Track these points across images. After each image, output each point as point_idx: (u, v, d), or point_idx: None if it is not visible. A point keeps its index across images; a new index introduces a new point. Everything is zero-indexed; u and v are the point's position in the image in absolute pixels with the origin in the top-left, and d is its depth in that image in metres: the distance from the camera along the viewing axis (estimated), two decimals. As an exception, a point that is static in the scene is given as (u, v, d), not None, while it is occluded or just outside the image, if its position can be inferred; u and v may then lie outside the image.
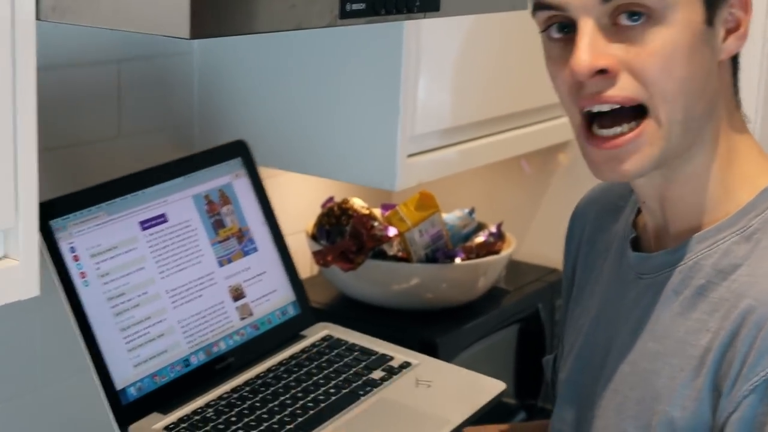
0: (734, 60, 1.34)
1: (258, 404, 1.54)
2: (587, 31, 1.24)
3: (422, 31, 1.91)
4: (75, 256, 1.49)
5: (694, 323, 1.29)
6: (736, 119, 1.35)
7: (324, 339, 1.73)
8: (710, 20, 1.26)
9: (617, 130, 1.26)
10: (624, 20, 1.24)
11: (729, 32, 1.29)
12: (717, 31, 1.27)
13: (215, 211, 1.68)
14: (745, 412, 1.21)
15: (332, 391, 1.58)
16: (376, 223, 2.17)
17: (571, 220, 1.62)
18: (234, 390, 1.58)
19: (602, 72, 1.24)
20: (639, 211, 1.46)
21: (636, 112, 1.26)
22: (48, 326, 1.81)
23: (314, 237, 2.22)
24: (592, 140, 1.28)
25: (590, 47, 1.23)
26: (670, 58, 1.23)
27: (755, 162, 1.35)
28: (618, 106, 1.25)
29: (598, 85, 1.25)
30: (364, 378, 1.62)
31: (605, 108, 1.26)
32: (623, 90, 1.24)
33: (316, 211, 2.28)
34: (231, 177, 1.71)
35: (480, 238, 2.29)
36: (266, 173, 2.12)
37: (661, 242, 1.39)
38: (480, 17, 2.01)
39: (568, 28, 1.28)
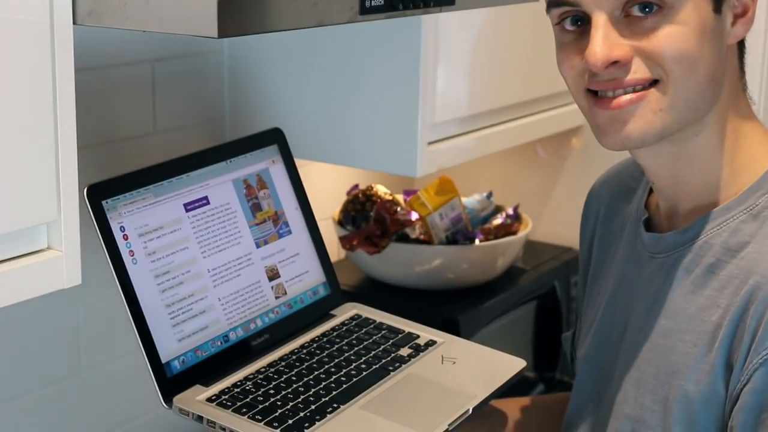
0: (740, 44, 1.34)
1: (294, 378, 1.55)
2: (601, 24, 1.24)
3: (439, 25, 1.90)
4: (125, 235, 1.49)
5: (705, 300, 1.29)
6: (742, 102, 1.34)
7: (353, 318, 1.73)
8: (718, 8, 1.26)
9: (622, 92, 1.26)
10: (636, 12, 1.24)
11: (736, 17, 1.28)
12: (725, 16, 1.27)
13: (253, 195, 1.68)
14: (757, 383, 1.21)
15: (363, 366, 1.59)
16: (398, 208, 2.17)
17: (587, 201, 1.61)
18: (270, 365, 1.59)
19: (616, 63, 1.25)
20: (651, 192, 1.45)
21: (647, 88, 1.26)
22: (91, 313, 1.83)
23: (341, 223, 2.22)
24: (599, 103, 1.28)
25: (604, 40, 1.24)
26: (683, 43, 1.24)
27: (760, 143, 1.34)
28: (630, 89, 1.26)
29: (613, 73, 1.26)
30: (393, 355, 1.62)
31: (619, 92, 1.26)
32: (636, 73, 1.25)
33: (342, 198, 2.28)
34: (268, 163, 1.72)
35: (498, 220, 2.29)
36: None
37: (672, 222, 1.39)
38: (493, 9, 2.00)
39: (581, 21, 1.28)
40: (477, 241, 2.20)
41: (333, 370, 1.58)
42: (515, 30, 2.14)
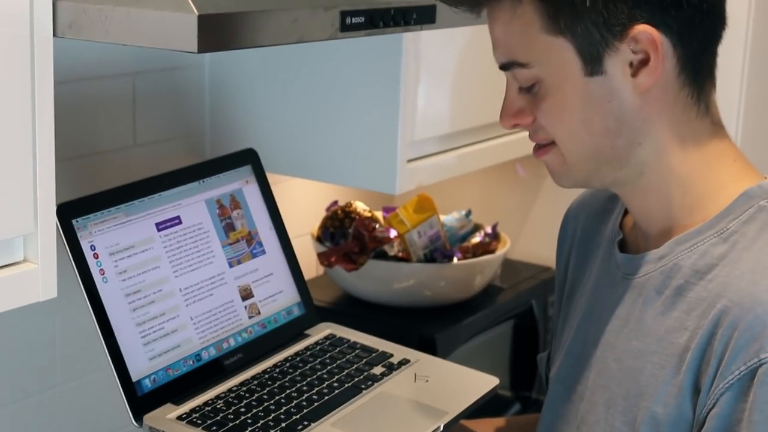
0: (697, 71, 1.33)
1: (265, 396, 1.55)
2: (508, 90, 1.36)
3: (420, 42, 1.91)
4: (95, 254, 1.49)
5: (673, 322, 1.30)
6: (697, 130, 1.34)
7: (327, 338, 1.73)
8: (596, 71, 1.28)
9: (534, 143, 1.38)
10: (525, 88, 1.34)
11: (640, 66, 1.28)
12: (612, 75, 1.29)
13: (226, 215, 1.68)
14: (723, 408, 1.22)
15: (335, 385, 1.59)
16: (377, 225, 2.17)
17: (563, 222, 1.62)
18: (242, 384, 1.59)
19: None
20: (626, 213, 1.46)
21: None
22: (66, 326, 1.82)
23: (319, 239, 2.22)
24: None
25: (510, 107, 1.36)
26: (557, 112, 1.32)
27: (728, 168, 1.34)
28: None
29: (522, 128, 1.38)
30: (366, 373, 1.62)
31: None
32: (537, 133, 1.36)
33: (321, 214, 2.28)
34: (241, 183, 1.72)
35: (476, 239, 2.29)
36: (274, 179, 2.12)
37: (645, 244, 1.39)
38: (474, 28, 2.01)
39: None
40: (455, 260, 2.20)
41: (305, 388, 1.58)
42: (496, 49, 2.14)
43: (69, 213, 1.46)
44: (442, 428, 1.48)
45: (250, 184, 1.73)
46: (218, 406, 1.52)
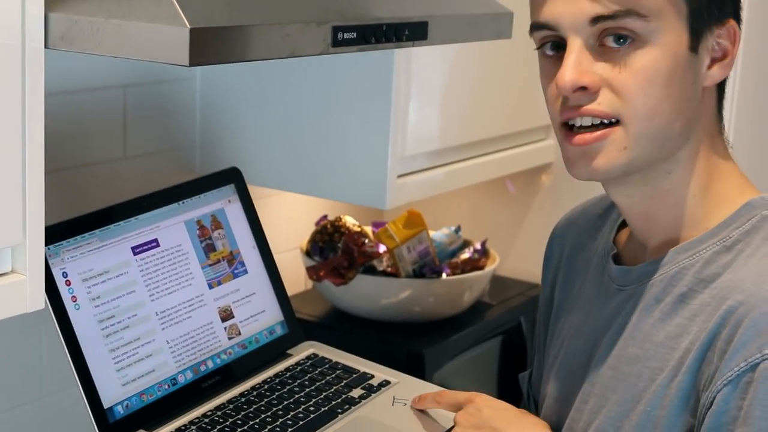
0: (720, 88, 1.35)
1: (239, 422, 1.53)
2: (574, 49, 1.26)
3: (412, 58, 1.91)
4: (67, 281, 1.48)
5: (674, 328, 1.29)
6: (718, 144, 1.35)
7: (309, 357, 1.72)
8: (695, 47, 1.27)
9: (591, 129, 1.28)
10: (610, 42, 1.26)
11: (714, 61, 1.29)
12: (702, 58, 1.28)
13: (206, 236, 1.66)
14: (719, 405, 1.21)
15: (312, 409, 1.57)
16: (366, 240, 2.17)
17: (550, 241, 1.62)
18: (218, 408, 1.57)
19: (584, 89, 1.26)
20: (618, 229, 1.47)
21: (611, 125, 1.28)
22: (53, 337, 1.81)
23: (308, 253, 2.22)
24: (569, 137, 1.30)
25: (575, 65, 1.25)
26: (650, 79, 1.25)
27: (735, 184, 1.35)
28: (598, 121, 1.27)
29: (580, 99, 1.27)
30: (344, 396, 1.61)
31: (586, 122, 1.28)
32: (601, 105, 1.26)
33: (311, 228, 2.28)
34: (223, 203, 1.70)
35: (465, 255, 2.29)
36: (264, 193, 2.13)
37: (642, 256, 1.39)
38: (466, 45, 2.01)
39: (560, 47, 1.29)
40: (444, 275, 2.20)
41: (281, 413, 1.56)
42: (487, 66, 2.15)
43: None
44: None
45: (233, 203, 1.72)
46: None
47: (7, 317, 1.29)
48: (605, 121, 1.27)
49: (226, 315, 1.66)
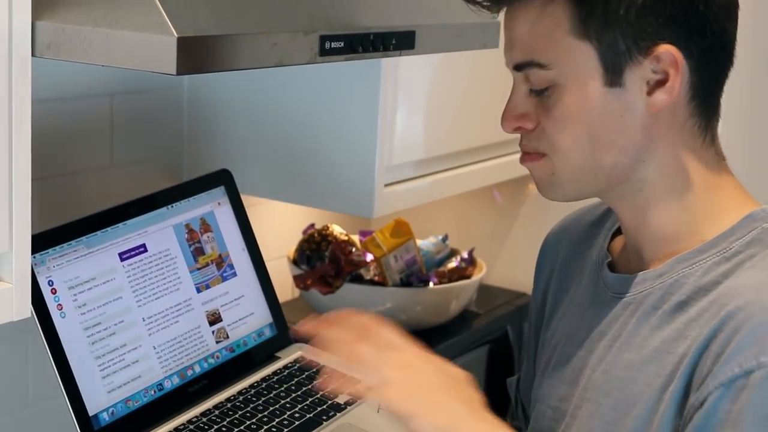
0: (706, 102, 1.34)
1: (224, 429, 1.53)
2: (515, 91, 1.35)
3: (399, 68, 1.91)
4: (53, 289, 1.47)
5: (671, 333, 1.30)
6: (704, 157, 1.35)
7: (297, 361, 1.71)
8: (615, 82, 1.29)
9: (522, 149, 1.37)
10: (536, 89, 1.32)
11: (657, 86, 1.30)
12: (630, 89, 1.30)
13: (195, 239, 1.66)
14: (709, 406, 1.21)
15: (297, 415, 1.56)
16: (354, 249, 2.17)
17: (542, 249, 1.62)
18: (204, 414, 1.56)
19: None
20: (613, 237, 1.47)
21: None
22: (39, 346, 1.80)
23: (295, 262, 2.22)
24: None
25: (513, 108, 1.34)
26: (564, 120, 1.30)
27: (729, 196, 1.36)
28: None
29: (520, 133, 1.36)
30: (329, 402, 1.60)
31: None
32: (531, 142, 1.34)
33: (298, 237, 2.28)
34: (213, 205, 1.69)
35: (452, 264, 2.30)
36: (251, 201, 2.12)
37: (638, 264, 1.40)
38: (453, 55, 2.02)
39: None
40: (431, 284, 2.20)
41: (266, 419, 1.56)
42: (474, 75, 2.15)
43: None
44: None
45: (223, 206, 1.71)
46: None
47: (-8, 325, 1.29)
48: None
49: (214, 318, 1.66)
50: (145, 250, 1.59)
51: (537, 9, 1.29)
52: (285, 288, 2.34)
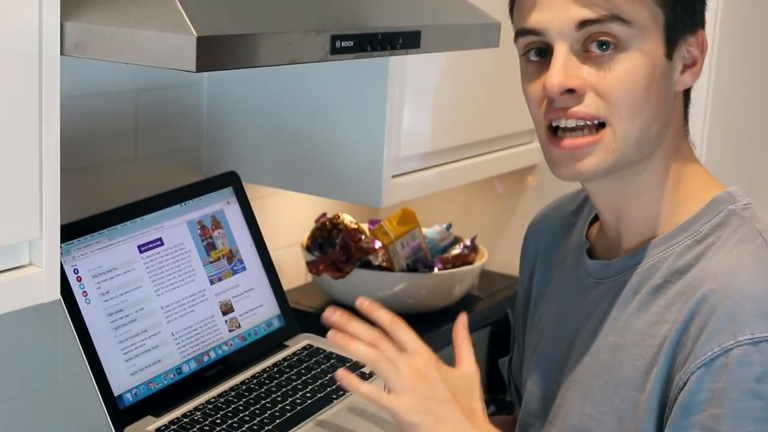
0: (687, 94, 1.36)
1: (241, 407, 1.54)
2: (561, 53, 1.26)
3: (406, 66, 1.91)
4: (78, 277, 1.48)
5: (652, 316, 1.30)
6: (684, 146, 1.36)
7: (304, 348, 1.72)
8: (670, 54, 1.28)
9: (579, 133, 1.28)
10: (594, 48, 1.26)
11: (686, 67, 1.31)
12: (675, 64, 1.30)
13: (207, 235, 1.67)
14: (691, 386, 1.21)
15: (308, 395, 1.57)
16: (363, 237, 2.18)
17: (527, 235, 1.62)
18: (220, 395, 1.57)
19: (570, 91, 1.26)
20: (590, 225, 1.47)
21: (596, 127, 1.28)
22: (67, 326, 1.81)
23: (308, 248, 2.22)
24: (555, 141, 1.29)
25: (563, 69, 1.26)
26: (632, 83, 1.26)
27: (699, 181, 1.36)
28: (582, 123, 1.27)
29: (567, 101, 1.27)
30: (338, 384, 1.61)
31: (571, 123, 1.28)
32: (587, 107, 1.26)
33: (311, 225, 2.28)
34: (222, 204, 1.71)
35: (456, 250, 2.30)
36: (266, 192, 2.13)
37: (614, 251, 1.40)
38: (457, 53, 2.02)
39: (544, 53, 1.30)
40: (436, 270, 2.21)
41: (279, 399, 1.57)
42: (477, 73, 2.15)
43: None
44: None
45: (232, 205, 1.72)
46: (196, 417, 1.51)
47: (24, 307, 1.29)
48: (589, 122, 1.27)
49: (227, 309, 1.67)
50: (162, 244, 1.60)
51: None
52: (298, 273, 2.34)
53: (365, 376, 1.63)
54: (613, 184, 1.34)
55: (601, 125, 1.27)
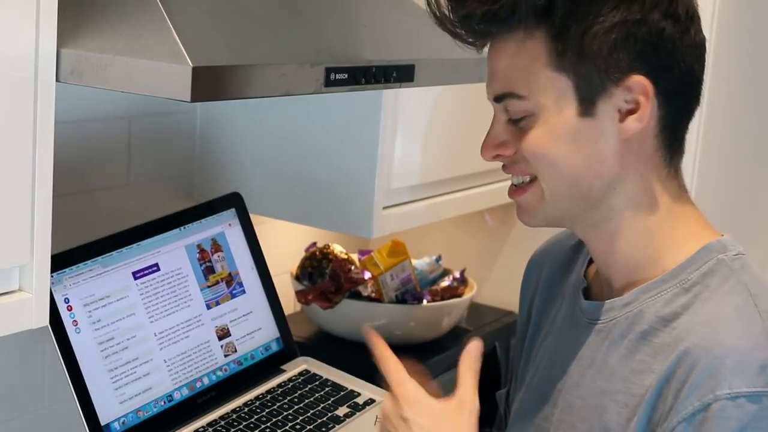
0: (673, 133, 1.35)
1: None
2: (495, 121, 1.36)
3: (399, 99, 1.92)
4: (69, 306, 1.47)
5: (638, 364, 1.30)
6: (669, 187, 1.36)
7: (301, 374, 1.71)
8: (588, 112, 1.29)
9: (514, 187, 1.37)
10: (512, 117, 1.33)
11: (628, 113, 1.30)
12: (602, 118, 1.30)
13: (206, 258, 1.66)
14: None
15: (298, 427, 1.57)
16: (353, 267, 2.18)
17: (528, 268, 1.62)
18: (210, 424, 1.56)
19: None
20: (590, 262, 1.47)
21: (531, 182, 1.35)
22: (55, 352, 1.81)
23: (298, 278, 2.22)
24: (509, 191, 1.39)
25: (493, 138, 1.36)
26: (542, 147, 1.31)
27: (690, 226, 1.36)
28: (518, 177, 1.35)
29: (503, 160, 1.36)
30: (330, 414, 1.60)
31: (514, 180, 1.37)
32: (517, 165, 1.34)
33: (301, 254, 2.28)
34: (224, 226, 1.70)
35: (445, 283, 2.30)
36: (257, 220, 2.12)
37: (609, 292, 1.40)
38: (449, 87, 2.02)
39: None
40: (425, 302, 2.21)
41: (269, 430, 1.56)
42: (468, 106, 2.16)
43: None
44: None
45: (234, 227, 1.72)
46: None
47: (13, 332, 1.29)
48: (526, 179, 1.34)
49: (223, 333, 1.66)
50: (158, 269, 1.59)
51: (516, 44, 1.30)
52: (287, 302, 2.34)
53: (357, 407, 1.63)
54: (588, 231, 1.37)
55: (535, 178, 1.34)
